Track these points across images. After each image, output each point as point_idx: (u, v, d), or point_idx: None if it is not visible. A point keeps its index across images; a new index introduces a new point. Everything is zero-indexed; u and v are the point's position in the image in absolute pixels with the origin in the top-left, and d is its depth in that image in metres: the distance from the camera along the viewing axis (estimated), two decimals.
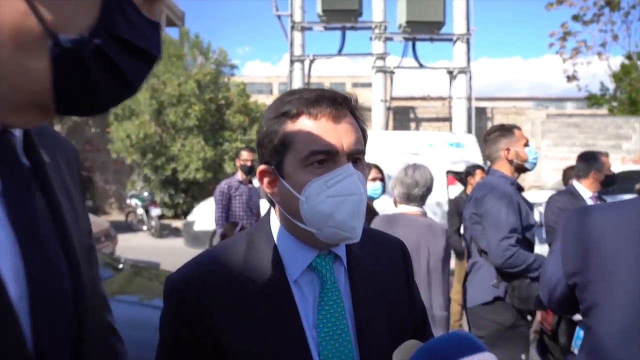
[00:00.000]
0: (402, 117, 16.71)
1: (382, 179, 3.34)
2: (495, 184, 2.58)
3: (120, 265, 4.08)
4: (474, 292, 2.64)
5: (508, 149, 2.61)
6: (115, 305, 1.51)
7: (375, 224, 2.47)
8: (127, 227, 12.21)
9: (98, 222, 7.53)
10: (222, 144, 13.24)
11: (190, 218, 9.56)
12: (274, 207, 0.98)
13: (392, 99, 17.37)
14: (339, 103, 0.91)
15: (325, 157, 0.88)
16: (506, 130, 2.64)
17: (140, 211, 12.28)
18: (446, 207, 6.28)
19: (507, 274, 2.50)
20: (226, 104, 13.79)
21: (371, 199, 3.32)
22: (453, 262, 5.83)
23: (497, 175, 2.63)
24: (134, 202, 12.59)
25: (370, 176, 3.28)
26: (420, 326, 1.09)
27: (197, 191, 13.67)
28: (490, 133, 2.68)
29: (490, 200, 2.53)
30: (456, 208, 5.27)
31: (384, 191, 3.34)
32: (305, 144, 0.89)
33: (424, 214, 2.52)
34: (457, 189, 6.35)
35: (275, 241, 0.95)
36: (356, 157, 0.91)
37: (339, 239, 0.89)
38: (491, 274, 2.56)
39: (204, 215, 9.14)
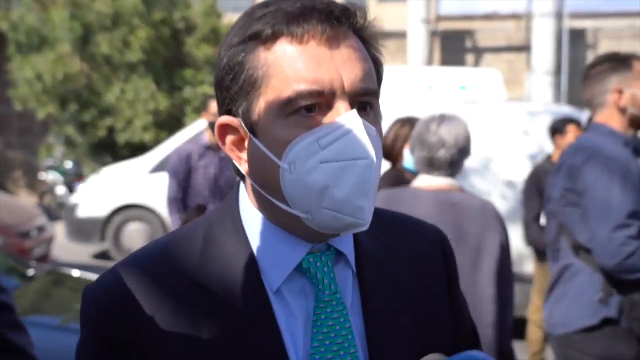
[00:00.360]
0: (455, 45, 16.56)
1: None
2: (600, 146, 2.59)
3: (31, 272, 4.12)
4: (568, 312, 2.64)
5: (620, 91, 2.61)
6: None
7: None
8: (42, 213, 12.34)
9: (20, 208, 7.68)
10: (181, 89, 13.22)
11: (73, 199, 9.76)
12: (244, 180, 1.01)
13: (439, 18, 17.20)
14: (337, 17, 0.91)
15: (315, 101, 0.89)
16: (619, 61, 2.63)
17: (60, 190, 12.39)
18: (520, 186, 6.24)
19: (623, 283, 2.49)
20: (187, 29, 13.71)
21: (409, 172, 3.42)
22: (530, 265, 5.85)
23: (601, 132, 2.65)
24: (51, 176, 12.68)
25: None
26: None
27: None
28: (595, 65, 2.68)
29: (594, 170, 2.52)
30: (536, 184, 5.26)
31: None
32: (285, 81, 0.89)
33: (459, 189, 2.51)
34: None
35: (246, 231, 0.98)
36: (364, 100, 0.92)
37: (340, 226, 0.90)
38: (595, 283, 2.56)
39: (93, 195, 9.33)
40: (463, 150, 2.47)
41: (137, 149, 13.41)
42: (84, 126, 13.08)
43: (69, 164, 13.04)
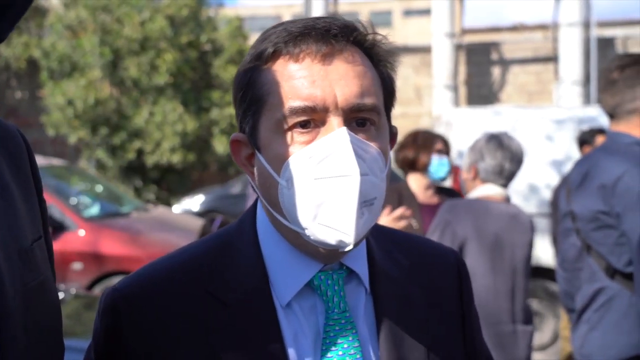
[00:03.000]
0: (480, 58, 16.47)
1: (448, 153, 3.54)
2: (632, 161, 2.33)
3: (60, 295, 4.17)
4: (605, 341, 2.44)
5: None
6: None
7: (450, 212, 2.84)
8: None
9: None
10: (208, 111, 13.35)
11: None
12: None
13: (464, 32, 17.14)
14: (334, 35, 0.92)
15: (310, 118, 0.91)
16: None
17: None
18: (544, 196, 6.16)
19: None
20: (213, 51, 13.88)
21: (438, 180, 3.53)
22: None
23: (624, 143, 2.41)
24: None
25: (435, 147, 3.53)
26: None
27: (175, 181, 13.88)
28: (624, 68, 2.42)
29: (636, 184, 2.28)
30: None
31: (450, 170, 3.52)
32: (281, 99, 0.92)
33: (508, 200, 2.90)
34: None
35: (261, 246, 1.00)
36: (361, 116, 0.92)
37: (333, 242, 0.91)
38: (634, 311, 2.33)
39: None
40: (520, 164, 2.90)
41: (166, 171, 13.57)
42: (114, 149, 13.28)
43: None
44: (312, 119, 0.91)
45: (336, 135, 0.89)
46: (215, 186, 14.04)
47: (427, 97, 16.48)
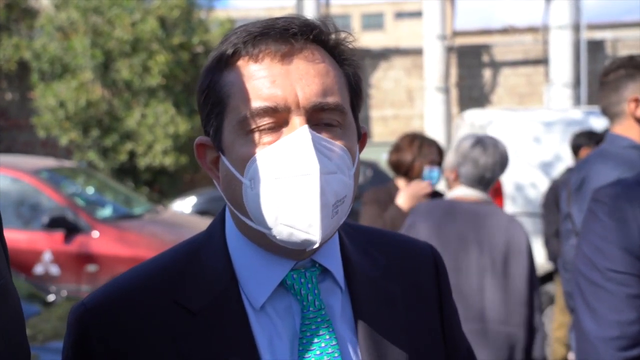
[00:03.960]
0: (471, 61, 16.53)
1: (440, 163, 3.56)
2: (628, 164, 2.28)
3: (51, 297, 4.15)
4: None
5: (637, 100, 2.35)
6: (46, 357, 1.49)
7: (416, 213, 2.81)
8: None
9: None
10: None
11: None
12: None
13: (455, 34, 17.20)
14: (293, 34, 0.91)
15: (272, 118, 0.90)
16: (636, 67, 2.37)
17: None
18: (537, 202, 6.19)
19: None
20: (205, 52, 13.84)
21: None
22: (552, 286, 5.78)
23: (621, 146, 2.38)
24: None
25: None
26: None
27: (166, 183, 13.84)
28: (609, 72, 2.44)
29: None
30: (556, 197, 5.21)
31: (439, 179, 3.54)
32: (242, 100, 0.91)
33: (488, 201, 2.84)
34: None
35: (230, 251, 0.99)
36: (326, 116, 0.92)
37: (297, 241, 0.90)
38: None
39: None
40: (504, 169, 2.84)
41: (158, 173, 13.53)
42: (106, 151, 13.22)
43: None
44: (275, 119, 0.90)
45: (297, 134, 0.89)
46: (207, 188, 14.00)
47: (418, 99, 16.53)
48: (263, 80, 0.90)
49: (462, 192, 2.81)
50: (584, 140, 5.08)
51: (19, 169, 6.53)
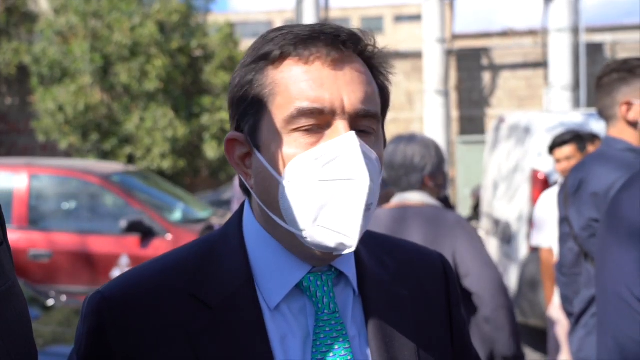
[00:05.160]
0: (470, 64, 16.54)
1: None
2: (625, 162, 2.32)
3: (51, 302, 4.15)
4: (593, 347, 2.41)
5: (629, 103, 2.37)
6: None
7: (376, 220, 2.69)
8: None
9: None
10: (199, 117, 13.35)
11: None
12: (250, 198, 1.03)
13: (455, 37, 17.21)
14: (343, 41, 0.94)
15: (316, 120, 0.92)
16: (628, 71, 2.38)
17: None
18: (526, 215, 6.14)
19: None
20: (204, 57, 13.88)
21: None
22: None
23: (618, 149, 2.41)
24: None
25: None
26: None
27: None
28: (604, 76, 2.45)
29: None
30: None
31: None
32: (288, 99, 0.93)
33: (431, 205, 2.68)
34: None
35: (248, 248, 1.00)
36: (366, 123, 0.95)
37: (331, 244, 0.92)
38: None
39: None
40: (416, 169, 2.67)
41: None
42: (105, 155, 13.23)
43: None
44: (319, 121, 0.92)
45: (345, 139, 0.90)
46: (207, 192, 14.01)
47: (418, 103, 16.54)
48: (312, 82, 0.92)
49: (406, 196, 2.72)
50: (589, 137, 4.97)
51: (89, 173, 6.47)
